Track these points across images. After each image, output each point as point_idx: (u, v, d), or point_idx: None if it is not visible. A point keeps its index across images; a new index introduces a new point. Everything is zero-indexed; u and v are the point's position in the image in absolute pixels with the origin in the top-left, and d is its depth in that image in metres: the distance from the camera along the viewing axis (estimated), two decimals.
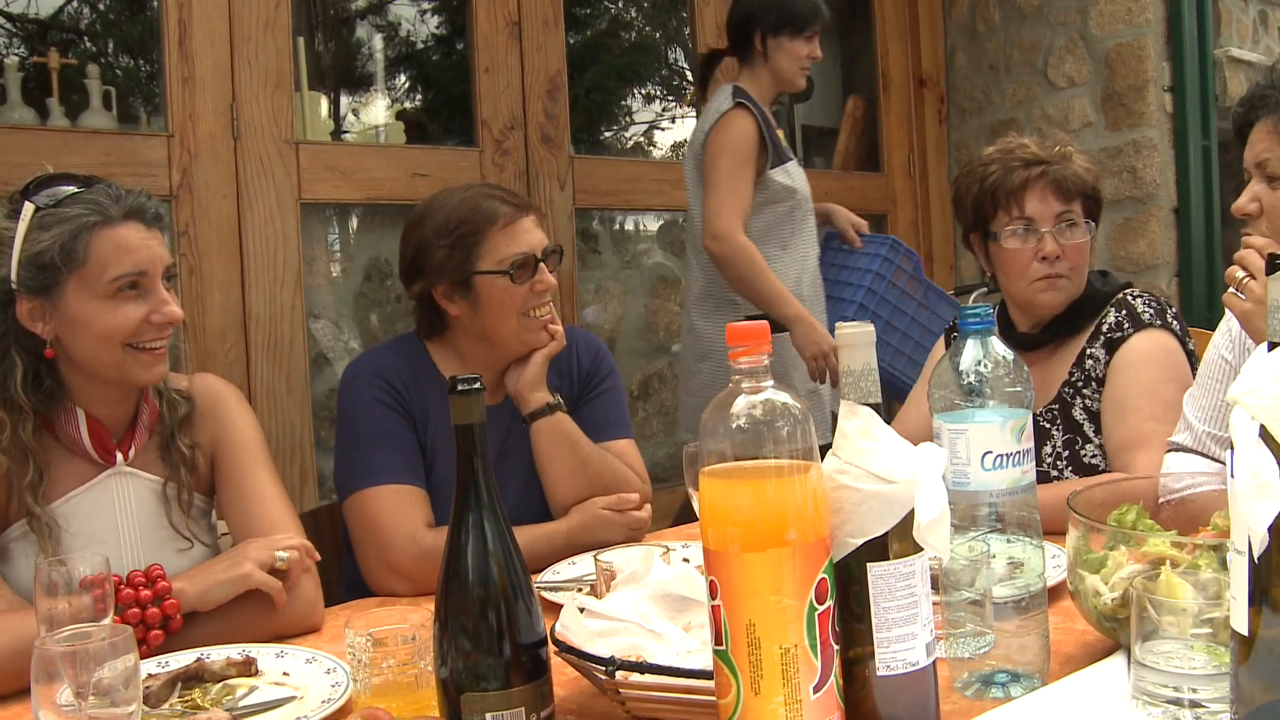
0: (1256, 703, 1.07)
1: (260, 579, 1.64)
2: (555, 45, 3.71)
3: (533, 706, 1.27)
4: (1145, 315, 2.16)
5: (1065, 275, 2.17)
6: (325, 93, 3.98)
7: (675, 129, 5.09)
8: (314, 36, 4.02)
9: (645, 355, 4.17)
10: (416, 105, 4.39)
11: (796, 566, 1.02)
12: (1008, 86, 4.72)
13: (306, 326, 3.21)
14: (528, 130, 3.63)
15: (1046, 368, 2.26)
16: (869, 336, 1.10)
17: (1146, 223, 4.33)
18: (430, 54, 4.34)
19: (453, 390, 1.27)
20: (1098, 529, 1.37)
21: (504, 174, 3.55)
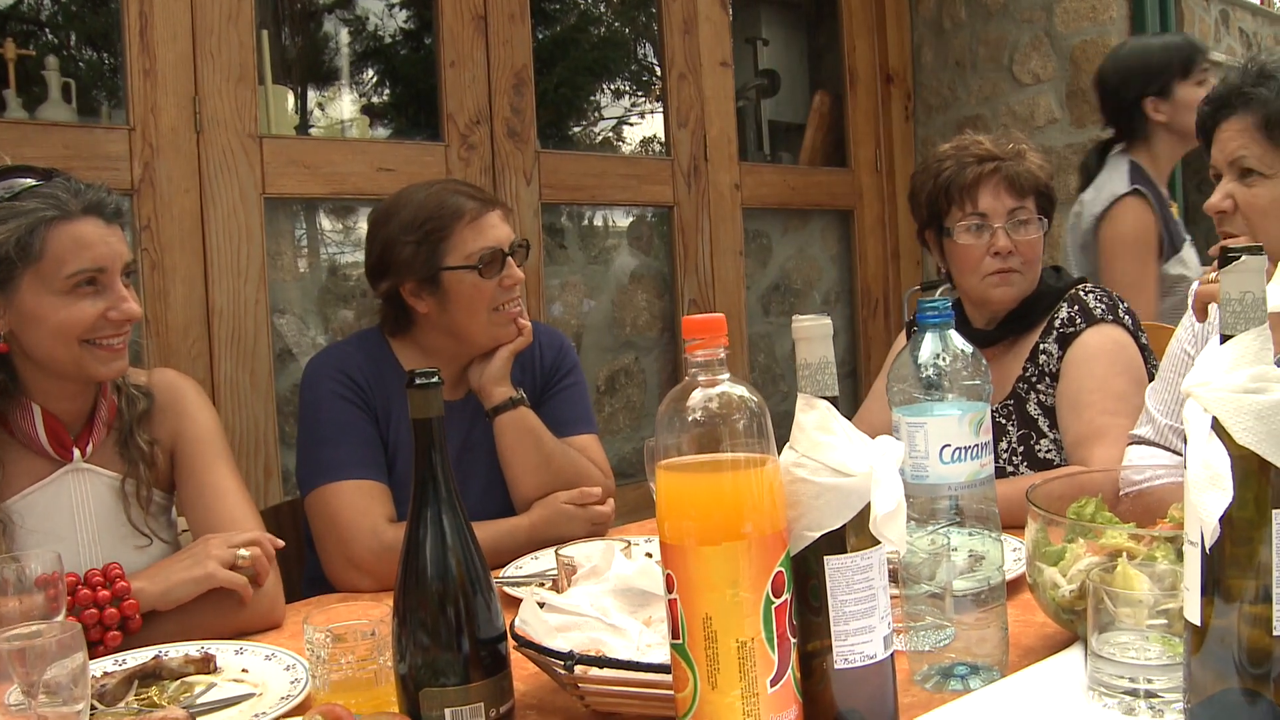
0: (1209, 692, 1.08)
1: (225, 577, 1.63)
2: (521, 39, 3.69)
3: (492, 702, 1.26)
4: (1097, 310, 2.18)
5: (1018, 270, 2.19)
6: (291, 87, 3.95)
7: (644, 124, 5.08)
8: (280, 30, 3.98)
9: (612, 350, 4.16)
10: (384, 100, 4.36)
11: (753, 560, 1.02)
12: (974, 83, 4.74)
13: (270, 321, 3.18)
14: (494, 125, 3.61)
15: (1001, 364, 2.28)
16: (825, 329, 1.10)
17: None
18: (398, 48, 4.31)
19: (410, 384, 1.27)
20: (1056, 522, 1.38)
21: (470, 169, 3.54)
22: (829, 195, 4.72)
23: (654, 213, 4.23)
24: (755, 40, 4.92)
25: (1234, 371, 1.06)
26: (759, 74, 4.91)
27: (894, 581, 1.34)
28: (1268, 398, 1.04)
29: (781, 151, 4.97)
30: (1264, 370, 1.05)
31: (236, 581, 1.64)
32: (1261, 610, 1.05)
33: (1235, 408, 1.04)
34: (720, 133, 4.21)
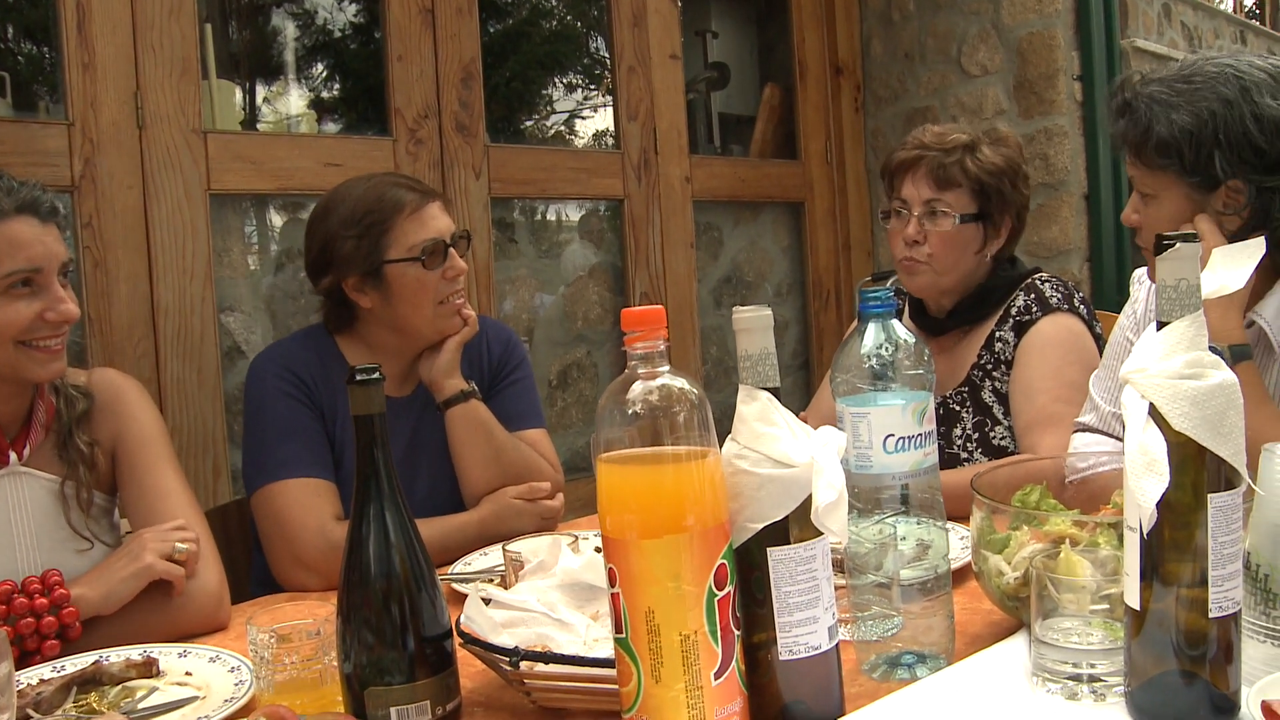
0: (1148, 675, 1.10)
1: (163, 568, 1.61)
2: (470, 33, 3.67)
3: (438, 700, 1.25)
4: (1053, 299, 2.19)
5: (924, 261, 2.21)
6: (239, 82, 3.90)
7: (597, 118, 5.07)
8: (226, 24, 3.93)
9: (564, 345, 4.15)
10: (334, 95, 4.32)
11: (695, 552, 1.02)
12: (923, 74, 4.76)
13: (218, 319, 3.14)
14: (442, 119, 3.58)
15: (956, 351, 2.29)
16: (766, 321, 1.09)
17: (1058, 209, 4.40)
18: (348, 43, 4.26)
19: (351, 381, 1.26)
20: (1001, 510, 1.39)
21: (418, 163, 3.51)
22: (780, 187, 4.72)
23: (606, 206, 4.22)
24: (705, 33, 4.92)
25: (1170, 358, 1.07)
26: (709, 66, 4.91)
27: (840, 572, 1.34)
28: (1203, 383, 1.05)
29: (732, 144, 4.97)
30: (1199, 356, 1.06)
31: (173, 572, 1.62)
32: (1198, 593, 1.06)
33: (1171, 394, 1.05)
34: (670, 125, 4.20)
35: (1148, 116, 1.70)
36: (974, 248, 2.22)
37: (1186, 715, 1.08)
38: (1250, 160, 1.66)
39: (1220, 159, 1.66)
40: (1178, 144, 1.67)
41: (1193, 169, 1.68)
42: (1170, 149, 1.68)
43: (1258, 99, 1.65)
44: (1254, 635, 1.17)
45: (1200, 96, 1.67)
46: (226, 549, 2.12)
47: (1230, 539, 1.07)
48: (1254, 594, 1.18)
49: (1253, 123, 1.65)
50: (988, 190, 2.19)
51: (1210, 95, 1.66)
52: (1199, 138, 1.66)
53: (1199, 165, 1.68)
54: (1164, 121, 1.68)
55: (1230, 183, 1.68)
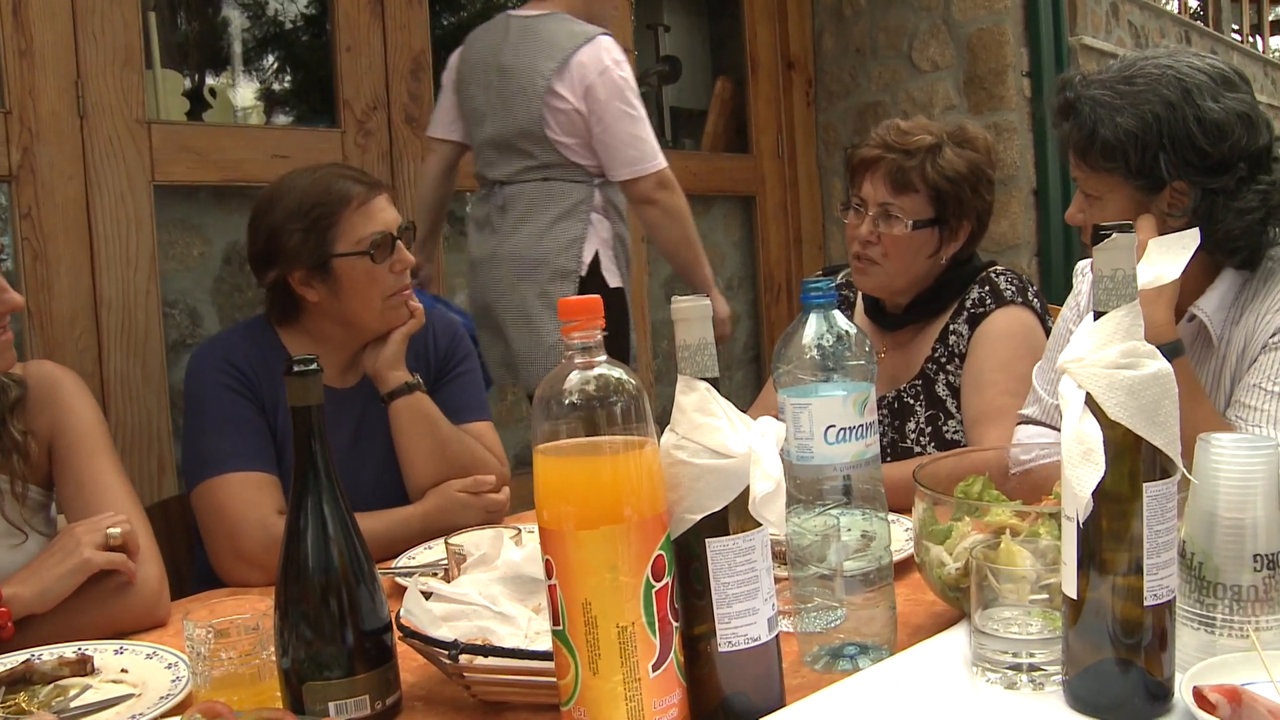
0: (1085, 663, 1.10)
1: (103, 559, 1.57)
2: (419, 24, 3.64)
3: (378, 694, 1.24)
4: (1007, 293, 2.20)
5: (876, 262, 2.20)
6: (189, 73, 3.85)
7: None
8: (175, 14, 3.88)
9: None
10: (285, 87, 4.28)
11: (632, 543, 1.01)
12: (874, 69, 4.79)
13: (162, 312, 3.10)
14: (391, 111, 3.56)
15: (911, 345, 2.29)
16: (704, 311, 1.09)
17: (1008, 204, 4.44)
18: (299, 34, 4.22)
19: (288, 372, 1.24)
20: (942, 501, 1.40)
21: (367, 155, 3.48)
22: (731, 181, 4.73)
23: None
24: (657, 26, 4.92)
25: (1106, 348, 1.07)
26: (660, 60, 4.91)
27: (782, 564, 1.34)
28: (1139, 373, 1.06)
29: (684, 138, 4.98)
30: (1135, 346, 1.07)
31: (115, 560, 1.58)
32: (1134, 581, 1.07)
33: (1108, 383, 1.06)
34: None
35: (1092, 119, 1.70)
36: (928, 251, 2.20)
37: (1122, 703, 1.09)
38: (1194, 162, 1.67)
39: (1165, 161, 1.66)
40: (1123, 147, 1.67)
41: (1138, 171, 1.69)
42: (1115, 152, 1.68)
43: (1199, 102, 1.66)
44: (1188, 623, 1.18)
45: (1143, 99, 1.67)
46: (169, 545, 2.10)
47: (1165, 528, 1.07)
48: (1189, 582, 1.19)
49: (1195, 125, 1.65)
50: (945, 196, 2.17)
51: (1153, 98, 1.67)
52: (1144, 140, 1.66)
53: (1144, 168, 1.68)
54: (1108, 124, 1.68)
55: (1175, 184, 1.68)
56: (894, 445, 2.26)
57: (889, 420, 2.28)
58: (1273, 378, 1.63)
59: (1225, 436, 1.17)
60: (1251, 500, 1.15)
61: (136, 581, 1.62)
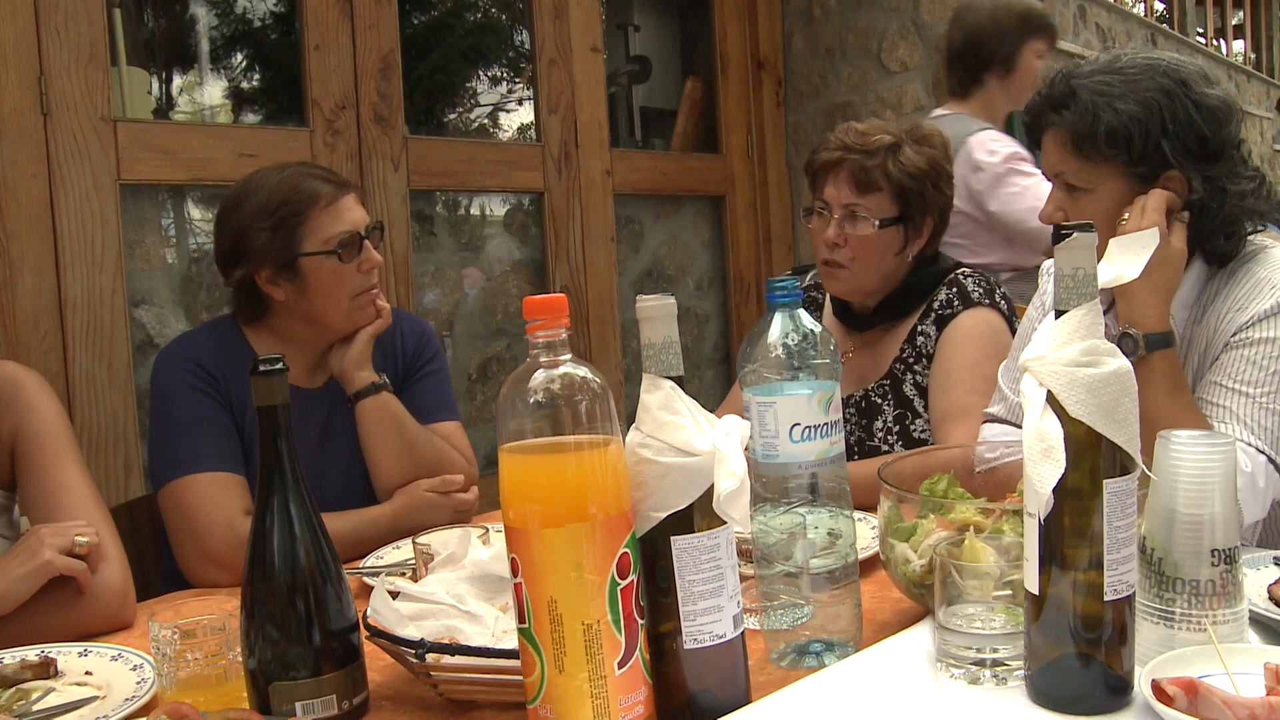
0: (1047, 658, 1.12)
1: (64, 564, 1.56)
2: (388, 23, 3.63)
3: (345, 694, 1.24)
4: (975, 294, 2.21)
5: (844, 265, 2.21)
6: (155, 70, 3.82)
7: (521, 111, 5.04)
8: (141, 12, 3.85)
9: (484, 338, 4.13)
10: (254, 85, 4.25)
11: (597, 541, 1.01)
12: (843, 70, 4.81)
13: (128, 312, 3.08)
14: (360, 110, 3.54)
15: (880, 346, 2.31)
16: (669, 309, 1.09)
17: None
18: (268, 32, 4.19)
19: (254, 372, 1.24)
20: (907, 498, 1.41)
21: (335, 154, 3.46)
22: (701, 181, 4.74)
23: (530, 199, 4.20)
24: (627, 26, 4.92)
25: (1067, 346, 1.09)
26: (630, 60, 4.91)
27: (748, 561, 1.35)
28: (1099, 371, 1.07)
29: (653, 137, 4.98)
30: (1095, 344, 1.08)
31: (75, 567, 1.57)
32: (1094, 577, 1.08)
33: (1068, 381, 1.07)
34: (591, 118, 4.19)
35: (1094, 106, 1.69)
36: (894, 249, 2.22)
37: (1083, 697, 1.11)
38: (1194, 149, 1.69)
39: (1169, 147, 1.68)
40: (1127, 132, 1.68)
41: (1140, 158, 1.69)
42: (1119, 138, 1.68)
43: (1195, 88, 1.68)
44: (1148, 617, 1.20)
45: (1142, 86, 1.68)
46: (135, 546, 2.08)
47: (1125, 523, 1.09)
48: (1149, 577, 1.20)
49: (1195, 111, 1.67)
50: (909, 193, 2.18)
51: (1150, 85, 1.68)
52: (1147, 126, 1.67)
53: (1146, 154, 1.69)
54: (1110, 111, 1.68)
55: (1169, 173, 1.70)
56: (862, 444, 2.28)
57: (857, 419, 2.29)
58: (1234, 375, 1.65)
59: (1184, 433, 1.19)
60: (1209, 496, 1.17)
61: (99, 585, 1.61)
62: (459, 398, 3.88)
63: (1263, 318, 1.65)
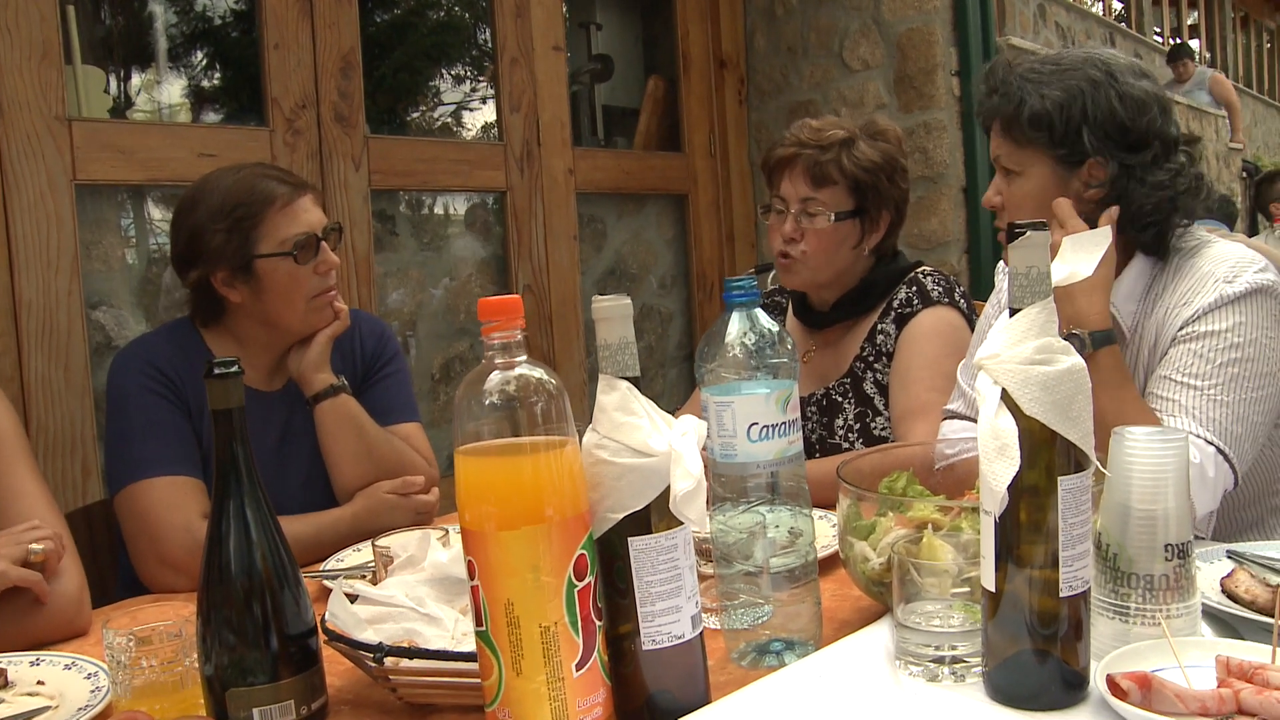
0: (1004, 655, 1.12)
1: (18, 575, 1.54)
2: (349, 22, 3.60)
3: (303, 699, 1.23)
4: (934, 293, 2.23)
5: (798, 259, 2.24)
6: (113, 69, 3.77)
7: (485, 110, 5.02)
8: (98, 8, 3.80)
9: (446, 338, 4.11)
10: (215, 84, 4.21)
11: (554, 543, 1.01)
12: (805, 68, 4.82)
13: (85, 314, 3.04)
14: (320, 109, 3.52)
15: (840, 344, 2.32)
16: (625, 310, 1.09)
17: (938, 201, 4.49)
18: (228, 30, 4.15)
19: (209, 375, 1.22)
20: (866, 497, 1.41)
21: (296, 154, 3.44)
22: (664, 180, 4.73)
23: (493, 199, 4.18)
24: (589, 25, 4.91)
25: (1021, 344, 1.09)
26: (593, 58, 4.91)
27: (709, 561, 1.35)
28: (1053, 368, 1.08)
29: (616, 136, 4.97)
30: (1049, 342, 1.09)
31: (30, 579, 1.54)
32: (1049, 574, 1.09)
33: (1022, 379, 1.08)
34: (553, 117, 4.18)
35: (1020, 91, 1.77)
36: (851, 243, 2.24)
37: (1039, 692, 1.11)
38: (1115, 137, 1.74)
39: (1088, 133, 1.74)
40: (1049, 116, 1.74)
41: (1061, 141, 1.75)
42: (1041, 121, 1.75)
43: (1122, 79, 1.75)
44: (1104, 612, 1.21)
45: (1070, 76, 1.75)
46: (91, 551, 2.06)
47: (1079, 520, 1.10)
48: (1104, 573, 1.21)
49: (1118, 101, 1.74)
50: (864, 187, 2.21)
51: (1078, 75, 1.75)
52: (1069, 111, 1.74)
53: (1067, 138, 1.75)
54: (1035, 96, 1.75)
55: (1094, 159, 1.75)
56: (823, 442, 2.29)
57: (818, 417, 2.30)
58: (1182, 369, 1.68)
59: (1138, 430, 1.20)
60: (1163, 492, 1.18)
61: (54, 593, 1.59)
62: (422, 398, 3.86)
63: (1207, 311, 1.68)
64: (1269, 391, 1.68)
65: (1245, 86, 16.58)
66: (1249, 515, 1.86)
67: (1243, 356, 1.66)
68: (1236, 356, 1.66)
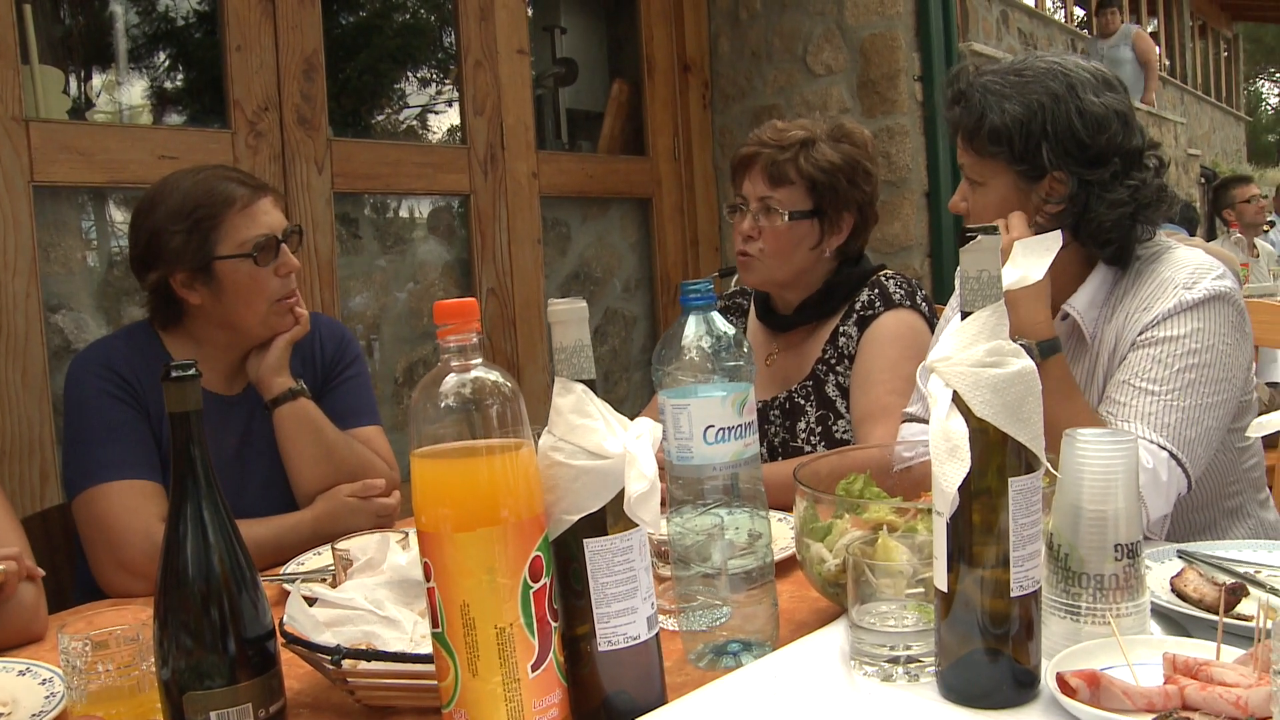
0: (957, 654, 1.14)
1: None
2: (312, 24, 3.59)
3: (261, 702, 1.22)
4: (896, 295, 2.25)
5: (756, 257, 2.27)
6: (73, 69, 3.74)
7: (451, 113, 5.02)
8: (57, 8, 3.77)
9: (410, 342, 4.10)
10: (177, 86, 4.18)
11: (509, 545, 1.02)
12: (769, 73, 4.84)
13: (44, 317, 3.02)
14: (283, 111, 3.50)
15: (803, 347, 2.33)
16: (581, 313, 1.10)
17: (900, 205, 4.53)
18: (191, 32, 4.13)
19: (166, 378, 1.22)
20: (822, 499, 1.42)
21: (258, 156, 3.42)
22: (628, 183, 4.74)
23: (458, 202, 4.18)
24: (553, 28, 4.92)
25: (972, 347, 1.11)
26: (557, 62, 4.91)
27: (668, 563, 1.35)
28: (1003, 371, 1.09)
29: (580, 140, 4.98)
30: (1000, 344, 1.10)
31: None
32: (1000, 574, 1.10)
33: (973, 381, 1.09)
34: (517, 121, 4.19)
35: (981, 105, 1.77)
36: (809, 243, 2.25)
37: (991, 691, 1.13)
38: (1074, 153, 1.75)
39: (1047, 149, 1.74)
40: (1009, 132, 1.75)
41: (1021, 157, 1.76)
42: (1001, 137, 1.76)
43: (1082, 95, 1.75)
44: (1055, 611, 1.22)
45: (1031, 89, 1.75)
46: (49, 556, 2.04)
47: (1030, 520, 1.11)
48: (1056, 573, 1.23)
49: (1077, 117, 1.74)
50: (821, 188, 2.23)
51: (1039, 89, 1.75)
52: (1029, 127, 1.74)
53: (1027, 154, 1.76)
54: (996, 110, 1.76)
55: (1054, 173, 1.76)
56: (785, 445, 2.30)
57: (780, 420, 2.31)
58: (1141, 374, 1.69)
59: (1089, 432, 1.22)
60: (1113, 492, 1.20)
61: (11, 598, 1.58)
62: (385, 401, 3.86)
63: (1166, 317, 1.70)
64: (1224, 397, 1.71)
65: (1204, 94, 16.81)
66: (1202, 518, 1.89)
67: (1200, 362, 1.68)
68: (1194, 362, 1.68)
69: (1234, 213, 7.60)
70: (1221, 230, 7.58)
